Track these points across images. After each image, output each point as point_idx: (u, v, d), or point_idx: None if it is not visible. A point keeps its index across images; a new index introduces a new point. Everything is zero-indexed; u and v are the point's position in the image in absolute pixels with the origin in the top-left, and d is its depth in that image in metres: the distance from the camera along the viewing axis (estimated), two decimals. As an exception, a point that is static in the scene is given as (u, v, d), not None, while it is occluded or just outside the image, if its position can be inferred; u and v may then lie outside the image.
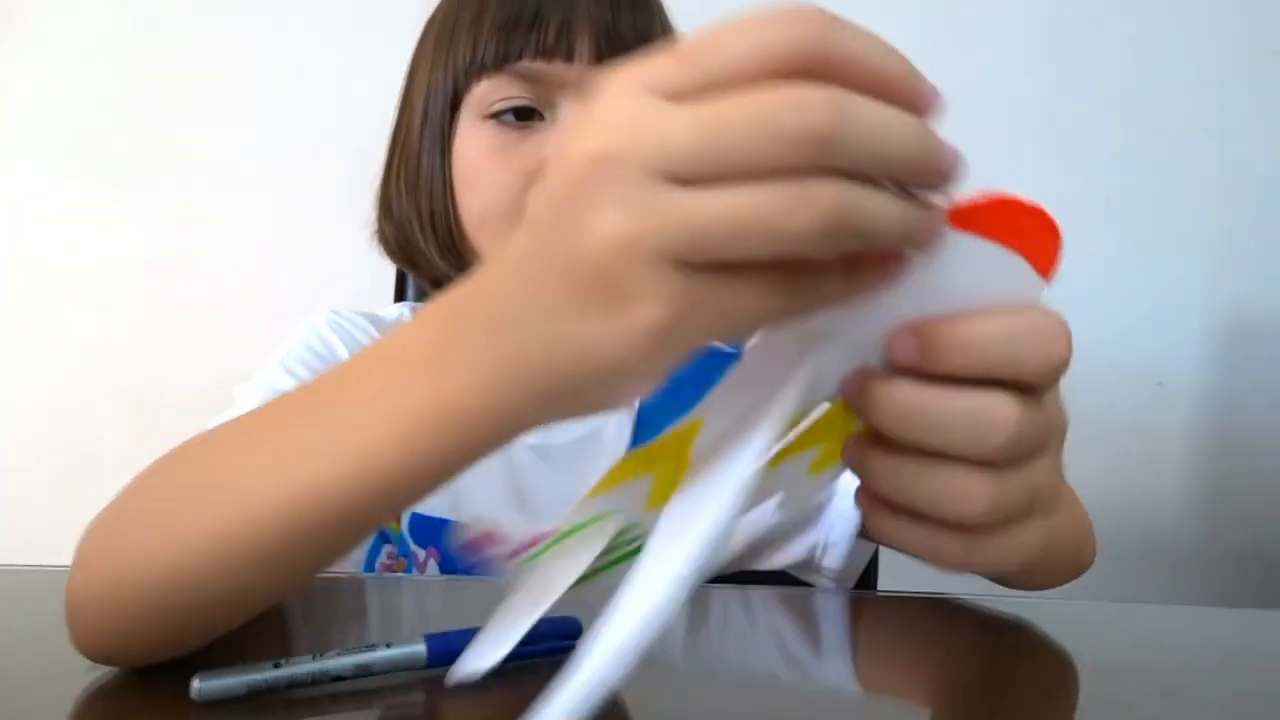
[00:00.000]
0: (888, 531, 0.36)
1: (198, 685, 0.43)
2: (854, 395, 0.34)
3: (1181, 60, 1.47)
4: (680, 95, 0.28)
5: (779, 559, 0.78)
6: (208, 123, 1.45)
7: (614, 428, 0.79)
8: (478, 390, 0.35)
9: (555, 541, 0.43)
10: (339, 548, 0.43)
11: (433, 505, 0.75)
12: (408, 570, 0.74)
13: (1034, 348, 0.32)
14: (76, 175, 1.45)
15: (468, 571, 0.74)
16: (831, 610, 0.66)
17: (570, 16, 0.68)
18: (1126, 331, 1.46)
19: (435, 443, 0.37)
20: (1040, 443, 0.34)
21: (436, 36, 0.75)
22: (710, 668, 0.57)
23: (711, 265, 0.29)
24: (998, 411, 0.32)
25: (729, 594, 0.71)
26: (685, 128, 0.28)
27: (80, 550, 0.46)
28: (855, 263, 0.30)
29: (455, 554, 0.47)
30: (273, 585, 0.45)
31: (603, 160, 0.29)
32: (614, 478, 0.41)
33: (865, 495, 0.36)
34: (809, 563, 0.76)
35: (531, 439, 0.76)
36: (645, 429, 0.77)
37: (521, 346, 0.33)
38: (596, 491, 0.41)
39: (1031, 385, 0.33)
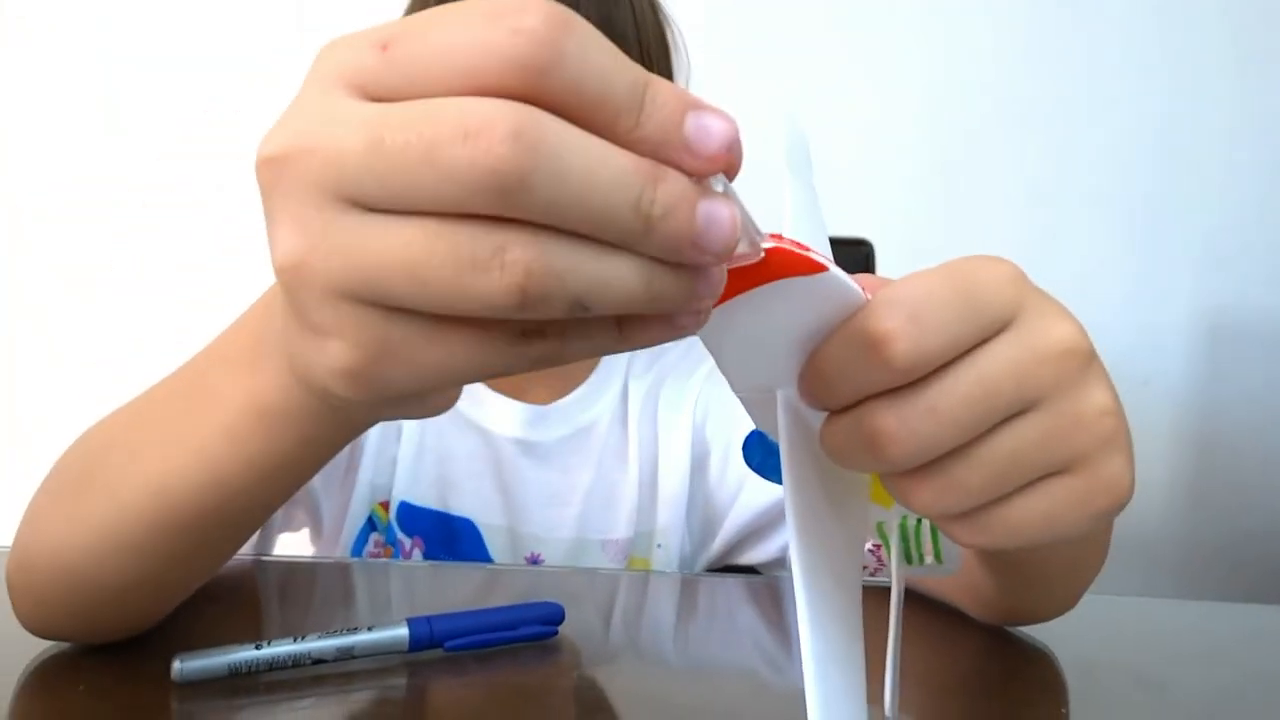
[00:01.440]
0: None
1: (179, 666, 0.43)
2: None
3: (1170, 60, 1.48)
4: (376, 94, 0.23)
5: (753, 555, 0.78)
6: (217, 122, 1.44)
7: (604, 426, 0.79)
8: (283, 388, 0.34)
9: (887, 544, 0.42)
10: (209, 543, 0.45)
11: (420, 496, 0.75)
12: (394, 558, 0.74)
13: (865, 358, 0.27)
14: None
15: (452, 558, 0.75)
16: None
17: None
18: (1112, 329, 1.46)
19: (259, 439, 0.37)
20: (983, 417, 0.28)
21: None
22: (690, 660, 0.57)
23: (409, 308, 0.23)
24: (866, 426, 0.28)
25: (713, 583, 0.72)
26: (355, 141, 0.22)
27: (17, 530, 0.48)
28: (625, 318, 0.25)
29: None
30: (161, 576, 0.46)
31: (276, 169, 0.24)
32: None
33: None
34: (780, 561, 0.76)
35: (520, 436, 0.76)
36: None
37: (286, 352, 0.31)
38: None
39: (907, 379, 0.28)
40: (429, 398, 0.31)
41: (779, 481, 0.33)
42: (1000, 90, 1.47)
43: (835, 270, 0.27)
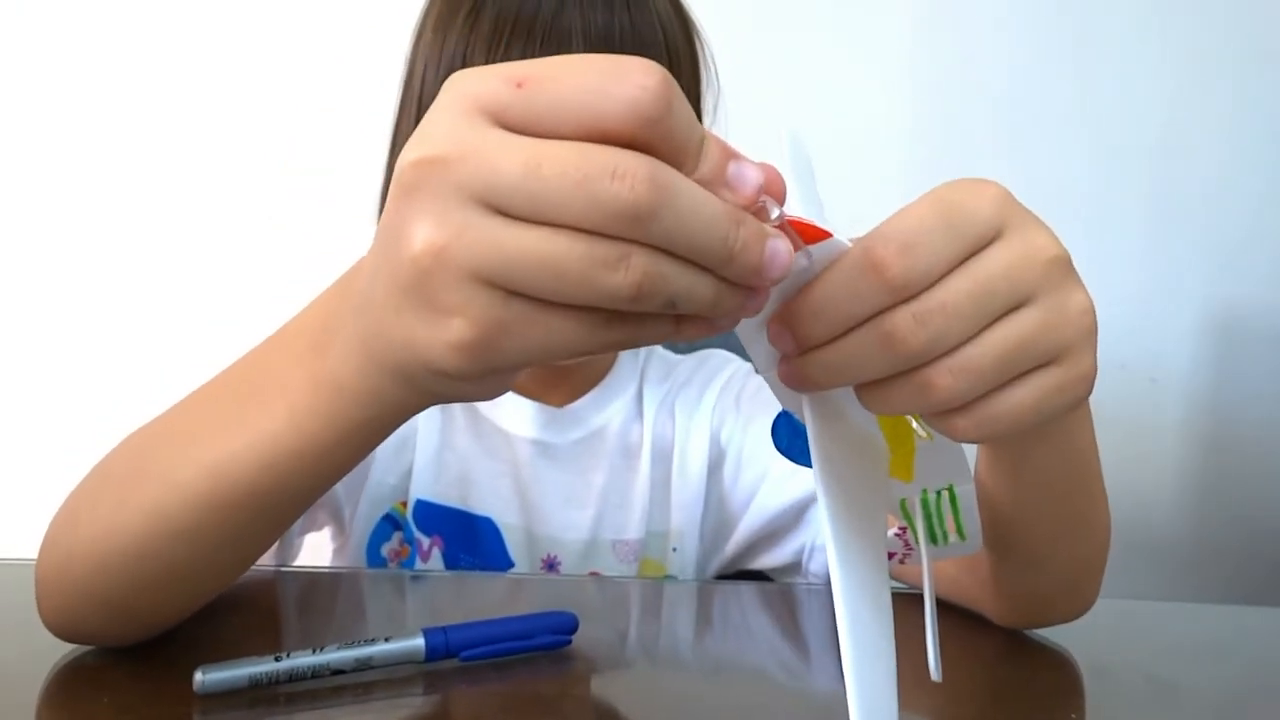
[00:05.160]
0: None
1: (200, 678, 0.44)
2: (789, 380, 0.35)
3: (1178, 58, 1.47)
4: (509, 122, 0.29)
5: (766, 560, 0.79)
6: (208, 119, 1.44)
7: (617, 429, 0.80)
8: (351, 371, 0.37)
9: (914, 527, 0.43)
10: (261, 524, 0.46)
11: (440, 494, 0.76)
12: (411, 556, 0.75)
13: (862, 282, 0.32)
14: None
15: (470, 563, 0.75)
16: (821, 606, 0.67)
17: (561, 26, 0.65)
18: (1120, 327, 1.46)
19: (319, 417, 0.39)
20: (983, 311, 0.33)
21: (431, 33, 0.74)
22: (704, 668, 0.57)
23: (528, 294, 0.29)
24: (885, 328, 0.32)
25: (726, 590, 0.72)
26: (509, 162, 0.28)
27: (47, 531, 0.49)
28: (683, 317, 0.31)
29: None
30: (208, 561, 0.47)
31: (424, 169, 0.29)
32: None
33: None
34: (796, 566, 0.76)
35: (537, 437, 0.77)
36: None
37: (371, 330, 0.35)
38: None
39: (919, 285, 0.32)
40: (500, 378, 0.35)
41: (806, 463, 0.36)
42: (1003, 91, 1.47)
43: (839, 237, 0.32)
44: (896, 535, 0.44)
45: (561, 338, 0.30)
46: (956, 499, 0.41)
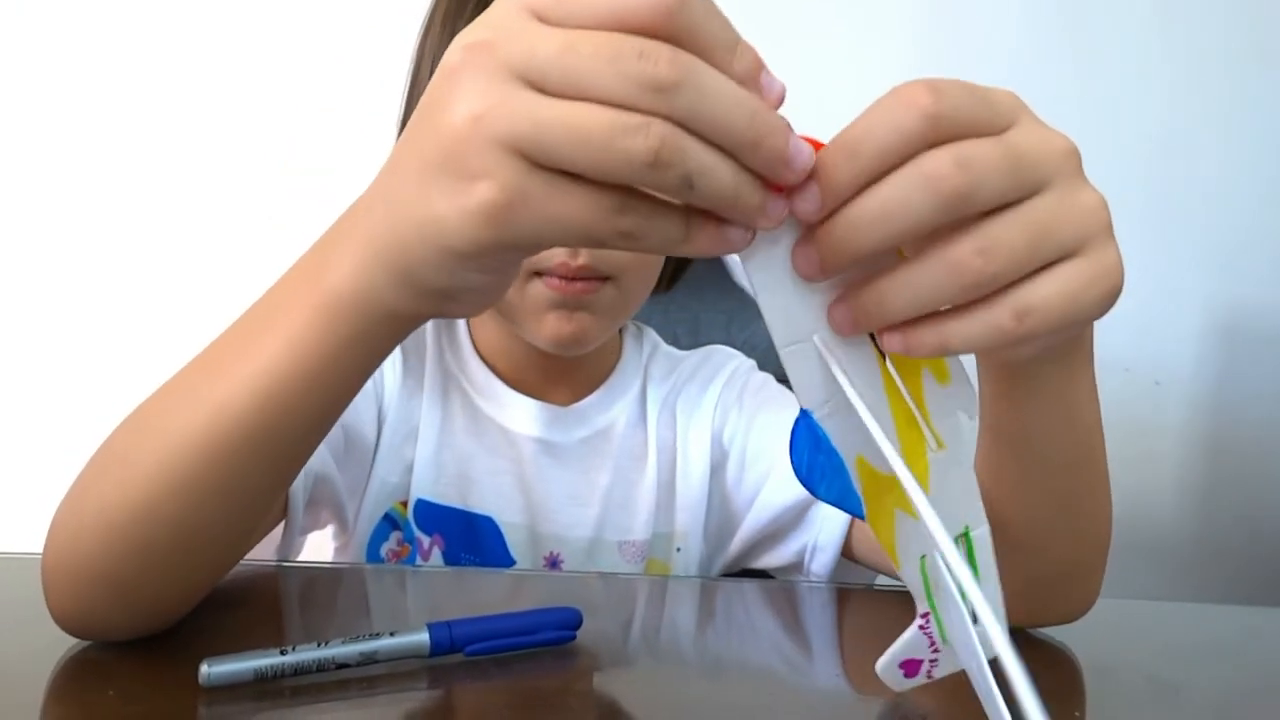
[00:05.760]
0: (937, 346, 0.34)
1: (206, 670, 0.44)
2: (808, 266, 0.34)
3: (1180, 58, 1.48)
4: (549, 20, 0.32)
5: (769, 559, 0.79)
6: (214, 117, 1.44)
7: (622, 429, 0.80)
8: (347, 276, 0.39)
9: (936, 613, 0.42)
10: (260, 469, 0.46)
11: (440, 494, 0.76)
12: (412, 556, 0.75)
13: (907, 107, 0.33)
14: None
15: (471, 563, 0.75)
16: (824, 604, 0.67)
17: None
18: (1124, 330, 1.46)
19: (316, 337, 0.40)
20: (1012, 178, 0.33)
21: (439, 28, 0.74)
22: (707, 664, 0.57)
23: (553, 167, 0.31)
24: (927, 165, 0.32)
25: (730, 587, 0.72)
26: (547, 42, 0.31)
27: (53, 518, 0.49)
28: (694, 218, 0.32)
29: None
30: (211, 520, 0.46)
31: (472, 50, 0.32)
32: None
33: (897, 338, 0.35)
34: (798, 566, 0.76)
35: (541, 435, 0.77)
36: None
37: (378, 223, 0.37)
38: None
39: (956, 135, 0.32)
40: (502, 272, 0.38)
41: (822, 494, 0.35)
42: (1005, 86, 1.47)
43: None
44: (920, 629, 0.43)
45: (577, 213, 0.32)
46: (974, 553, 0.40)
